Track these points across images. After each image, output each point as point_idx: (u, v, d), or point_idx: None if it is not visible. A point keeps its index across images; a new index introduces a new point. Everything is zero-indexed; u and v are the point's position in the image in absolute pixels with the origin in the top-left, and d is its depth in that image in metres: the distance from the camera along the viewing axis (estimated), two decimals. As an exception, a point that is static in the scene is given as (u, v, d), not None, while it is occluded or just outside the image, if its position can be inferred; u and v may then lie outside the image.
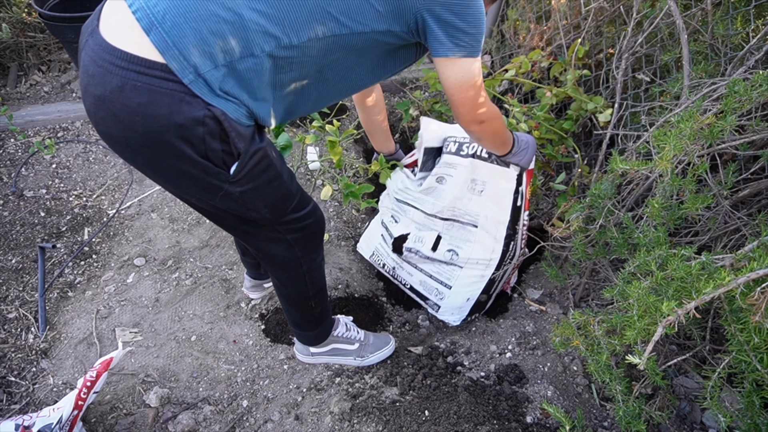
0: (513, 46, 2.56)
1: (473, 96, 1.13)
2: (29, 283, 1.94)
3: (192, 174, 0.99)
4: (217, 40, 0.88)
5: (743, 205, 1.42)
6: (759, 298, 0.84)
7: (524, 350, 1.66)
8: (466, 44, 1.04)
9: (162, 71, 0.87)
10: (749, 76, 1.28)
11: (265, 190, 1.08)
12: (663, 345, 1.47)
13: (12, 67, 2.99)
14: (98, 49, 0.89)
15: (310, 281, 1.37)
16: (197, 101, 0.90)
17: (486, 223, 1.68)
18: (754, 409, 0.94)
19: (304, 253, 1.30)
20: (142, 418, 1.48)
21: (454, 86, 1.11)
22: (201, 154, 0.95)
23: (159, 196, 2.33)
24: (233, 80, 0.92)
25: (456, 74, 1.08)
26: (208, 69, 0.89)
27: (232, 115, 0.94)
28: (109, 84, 0.88)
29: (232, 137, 0.96)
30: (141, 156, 0.98)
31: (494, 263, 1.70)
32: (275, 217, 1.16)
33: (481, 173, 1.67)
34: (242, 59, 0.91)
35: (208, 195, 1.05)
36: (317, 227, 1.29)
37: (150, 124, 0.90)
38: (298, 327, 1.53)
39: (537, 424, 1.41)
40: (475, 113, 1.17)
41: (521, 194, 1.65)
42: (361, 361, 1.62)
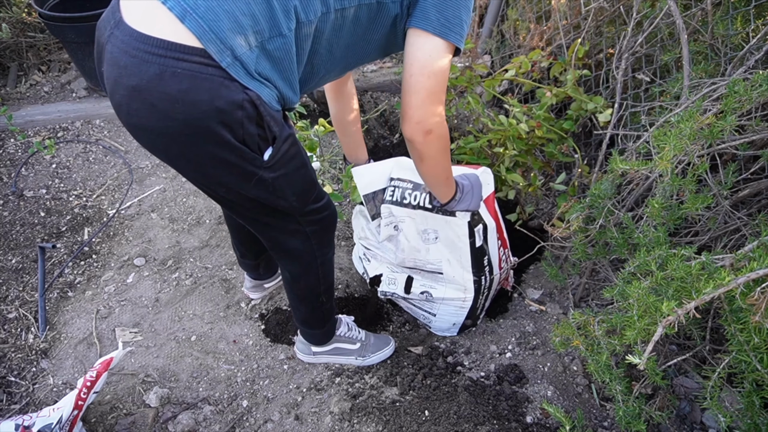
0: (513, 46, 2.56)
1: (433, 87, 1.05)
2: (29, 283, 1.94)
3: (229, 160, 0.98)
4: (249, 22, 0.88)
5: (743, 205, 1.42)
6: (759, 298, 0.84)
7: (524, 350, 1.66)
8: (450, 24, 1.02)
9: (201, 56, 0.86)
10: (749, 76, 1.28)
11: (293, 176, 1.09)
12: (663, 345, 1.47)
13: (12, 67, 2.99)
14: (129, 40, 0.87)
15: (323, 276, 1.38)
16: (235, 85, 0.89)
17: (450, 268, 1.63)
18: (754, 409, 0.94)
19: (319, 247, 1.30)
20: (142, 418, 1.48)
21: (419, 65, 1.04)
22: (239, 139, 0.95)
23: (159, 196, 2.33)
24: (266, 61, 0.93)
25: (427, 52, 1.03)
26: (243, 51, 0.88)
27: (266, 98, 0.94)
28: (146, 73, 0.86)
29: (267, 121, 0.95)
30: (177, 145, 0.96)
31: (470, 299, 1.66)
32: (301, 205, 1.16)
33: (430, 223, 1.59)
34: (271, 39, 0.91)
35: (241, 182, 1.04)
36: (332, 220, 1.30)
37: (191, 111, 0.88)
38: (306, 325, 1.53)
39: (537, 424, 1.41)
40: (427, 112, 1.07)
41: (479, 234, 1.58)
42: (363, 361, 1.62)
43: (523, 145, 1.87)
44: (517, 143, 1.85)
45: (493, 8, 2.68)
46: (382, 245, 1.74)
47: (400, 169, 1.65)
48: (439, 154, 1.17)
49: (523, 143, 1.87)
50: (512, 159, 1.89)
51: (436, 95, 1.06)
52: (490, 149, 1.96)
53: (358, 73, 2.83)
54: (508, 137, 1.85)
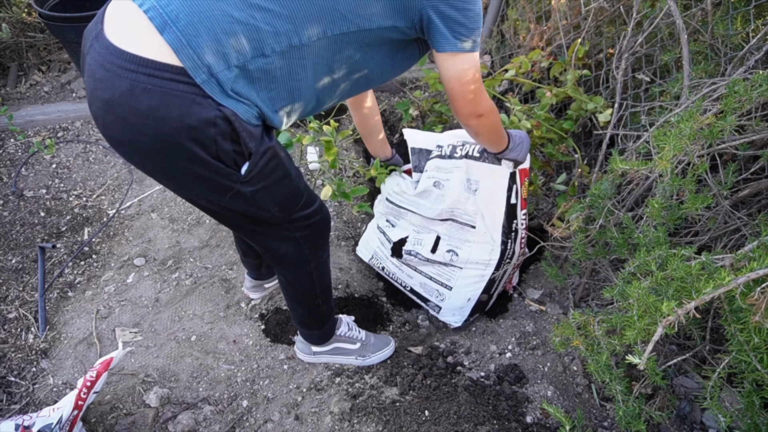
0: (513, 46, 2.56)
1: (472, 89, 1.14)
2: (29, 283, 1.94)
3: (203, 175, 0.98)
4: (230, 40, 0.88)
5: (743, 205, 1.42)
6: (759, 298, 0.84)
7: (524, 350, 1.66)
8: (466, 39, 1.06)
9: (172, 73, 0.86)
10: (749, 76, 1.28)
11: (275, 189, 1.09)
12: (663, 345, 1.47)
13: (12, 67, 2.99)
14: (105, 53, 0.88)
15: (318, 279, 1.37)
16: (208, 102, 0.89)
17: (483, 224, 1.68)
18: (754, 409, 0.94)
19: (312, 251, 1.30)
20: (142, 418, 1.48)
21: (455, 79, 1.11)
22: (212, 155, 0.95)
23: (159, 196, 2.33)
24: (244, 81, 0.92)
25: (457, 68, 1.10)
26: (221, 69, 0.88)
27: (242, 115, 0.94)
28: (117, 87, 0.87)
29: (243, 137, 0.95)
30: (151, 160, 0.97)
31: (493, 263, 1.70)
32: (285, 215, 1.16)
33: (474, 172, 1.67)
34: (254, 59, 0.91)
35: (219, 196, 1.05)
36: (324, 224, 1.30)
37: (161, 127, 0.89)
38: (305, 326, 1.53)
39: (537, 424, 1.41)
40: (474, 107, 1.18)
41: (516, 192, 1.65)
42: (363, 361, 1.62)
43: (523, 145, 1.87)
44: (517, 143, 1.85)
45: (493, 8, 2.68)
46: (415, 201, 1.79)
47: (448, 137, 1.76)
48: (492, 126, 1.30)
49: (523, 143, 1.87)
50: (512, 159, 1.89)
51: (476, 91, 1.15)
52: (490, 149, 1.96)
53: (358, 73, 2.83)
54: (508, 137, 1.85)
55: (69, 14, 2.33)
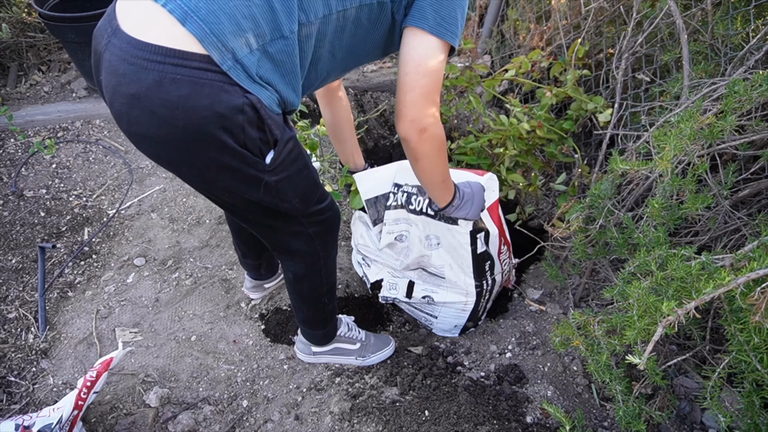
0: (513, 46, 2.56)
1: (428, 86, 1.05)
2: (29, 283, 1.94)
3: (231, 165, 0.97)
4: (250, 24, 0.88)
5: (743, 205, 1.42)
6: (759, 298, 0.84)
7: (524, 350, 1.66)
8: (446, 23, 1.03)
9: (200, 61, 0.86)
10: (749, 76, 1.28)
11: (296, 179, 1.09)
12: (663, 345, 1.47)
13: (12, 67, 2.99)
14: (127, 47, 0.87)
15: (326, 276, 1.37)
16: (236, 89, 0.89)
17: (452, 273, 1.64)
18: (754, 409, 0.94)
19: (323, 247, 1.30)
20: (142, 418, 1.48)
21: (414, 63, 1.04)
22: (240, 143, 0.94)
23: (159, 196, 2.33)
24: (267, 64, 0.92)
25: (422, 51, 1.04)
26: (245, 54, 0.88)
27: (266, 102, 0.94)
28: (145, 80, 0.86)
29: (268, 124, 0.95)
30: (179, 152, 0.96)
31: (471, 303, 1.67)
32: (304, 207, 1.16)
33: (432, 229, 1.61)
34: (273, 41, 0.91)
35: (244, 186, 1.04)
36: (336, 220, 1.30)
37: (191, 116, 0.88)
38: (308, 325, 1.53)
39: (537, 424, 1.41)
40: (421, 111, 1.07)
41: (481, 242, 1.58)
42: (363, 361, 1.62)
43: (524, 145, 1.87)
44: (517, 143, 1.85)
45: (493, 8, 2.68)
46: (381, 253, 1.74)
47: (404, 173, 1.64)
48: (433, 153, 1.15)
49: (524, 143, 1.87)
50: (512, 159, 1.89)
51: (430, 94, 1.06)
52: (491, 149, 1.96)
53: (358, 73, 2.83)
54: (509, 137, 1.85)
55: (69, 14, 2.33)
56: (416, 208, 1.61)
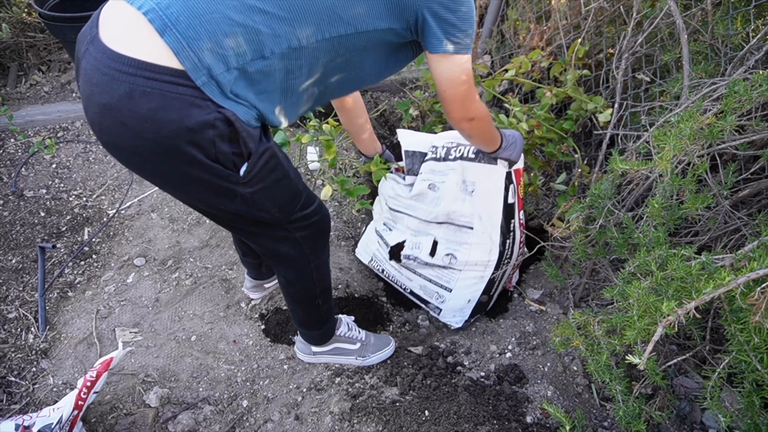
0: (513, 46, 2.56)
1: (464, 92, 1.15)
2: (29, 283, 1.94)
3: (202, 178, 0.98)
4: (230, 43, 0.88)
5: (743, 205, 1.42)
6: (759, 298, 0.84)
7: (524, 350, 1.66)
8: (459, 41, 1.07)
9: (171, 75, 0.86)
10: (749, 76, 1.28)
11: (273, 189, 1.09)
12: (663, 345, 1.47)
13: (12, 67, 2.99)
14: (102, 57, 0.88)
15: (318, 279, 1.37)
16: (207, 104, 0.89)
17: (480, 225, 1.68)
18: (754, 409, 0.94)
19: (312, 251, 1.30)
20: (142, 418, 1.48)
21: (447, 82, 1.12)
22: (211, 158, 0.95)
23: (159, 196, 2.33)
24: (244, 82, 0.93)
25: (449, 70, 1.11)
26: (221, 71, 0.89)
27: (242, 117, 0.94)
28: (116, 91, 0.86)
29: (242, 137, 0.96)
30: (150, 164, 0.97)
31: (492, 264, 1.70)
32: (284, 216, 1.16)
33: (470, 174, 1.67)
34: (253, 61, 0.91)
35: (217, 199, 1.05)
36: (324, 224, 1.30)
37: (160, 130, 0.88)
38: (304, 326, 1.53)
39: (537, 424, 1.41)
40: (466, 110, 1.19)
41: (513, 191, 1.66)
42: (363, 361, 1.63)
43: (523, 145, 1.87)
44: (517, 143, 1.85)
45: (493, 8, 2.68)
46: (411, 204, 1.80)
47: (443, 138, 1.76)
48: (484, 129, 1.32)
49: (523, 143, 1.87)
50: (512, 159, 1.89)
51: (468, 94, 1.16)
52: (490, 149, 1.96)
53: (358, 73, 2.83)
54: (508, 137, 1.85)
55: (69, 14, 2.33)
56: (456, 155, 1.69)
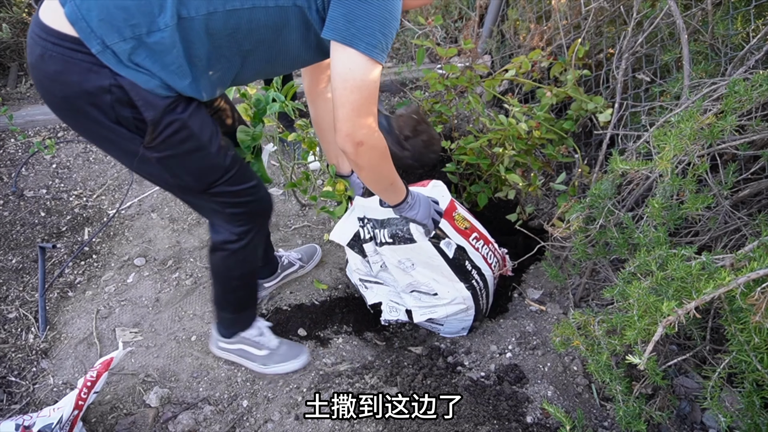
0: (513, 46, 2.57)
1: (358, 101, 1.03)
2: (29, 283, 1.94)
3: (111, 138, 1.08)
4: (122, 15, 0.94)
5: (743, 205, 1.42)
6: (759, 298, 0.84)
7: (524, 350, 1.66)
8: (359, 37, 0.99)
9: (72, 43, 0.95)
10: (749, 76, 1.28)
11: (185, 158, 1.13)
12: (663, 345, 1.47)
13: (12, 67, 2.99)
14: (33, 24, 1.01)
15: (240, 260, 1.38)
16: (105, 71, 0.97)
17: (441, 286, 1.64)
18: (755, 409, 0.94)
19: (244, 231, 1.32)
20: (142, 418, 1.49)
21: (339, 77, 1.02)
22: (112, 120, 1.03)
23: (159, 196, 2.33)
24: (145, 53, 0.98)
25: (343, 63, 1.01)
26: (114, 41, 0.95)
27: (144, 85, 1.00)
28: (34, 53, 1.00)
29: (139, 106, 1.01)
30: (67, 119, 1.09)
31: (472, 309, 1.68)
32: (200, 186, 1.20)
33: (399, 254, 1.60)
34: (150, 33, 0.96)
35: (127, 159, 1.13)
36: (259, 207, 1.32)
37: (65, 90, 1.00)
38: (217, 304, 1.53)
39: (537, 424, 1.41)
40: (354, 126, 1.05)
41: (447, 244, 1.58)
42: (264, 369, 1.60)
43: (523, 145, 1.87)
44: (516, 143, 1.85)
45: (493, 8, 2.68)
46: (379, 275, 1.75)
47: (361, 209, 1.64)
48: (374, 163, 1.16)
49: (523, 143, 1.87)
50: (512, 159, 1.89)
51: (362, 108, 1.04)
52: (490, 149, 1.96)
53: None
54: (508, 137, 1.85)
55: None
56: (380, 240, 1.60)
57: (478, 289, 1.68)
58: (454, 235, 1.61)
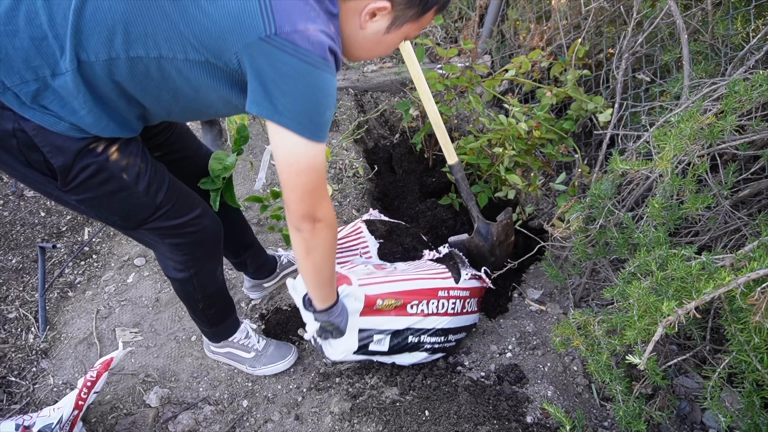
0: (513, 46, 2.57)
1: (308, 183, 0.97)
2: (29, 283, 1.94)
3: (26, 179, 1.03)
4: (20, 55, 0.89)
5: (743, 205, 1.42)
6: (759, 298, 0.84)
7: (524, 350, 1.66)
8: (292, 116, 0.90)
9: None
10: (749, 76, 1.28)
11: (108, 200, 1.09)
12: (663, 345, 1.47)
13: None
14: None
15: (199, 286, 1.36)
16: (8, 113, 0.93)
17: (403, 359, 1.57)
18: (754, 409, 0.94)
19: (189, 259, 1.29)
20: (142, 418, 1.49)
21: (282, 160, 0.95)
22: (24, 163, 0.99)
23: (159, 196, 2.33)
24: (52, 96, 0.93)
25: (282, 146, 0.93)
26: (15, 83, 0.91)
27: (52, 128, 0.95)
28: None
29: (45, 152, 0.97)
30: None
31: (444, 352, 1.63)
32: (129, 224, 1.17)
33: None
34: (55, 76, 0.91)
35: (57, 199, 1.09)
36: (202, 236, 1.26)
37: None
38: (195, 321, 1.54)
39: (537, 424, 1.41)
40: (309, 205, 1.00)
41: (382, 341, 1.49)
42: (253, 371, 1.61)
43: (523, 145, 1.87)
44: (516, 143, 1.85)
45: (493, 8, 2.68)
46: None
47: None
48: (329, 243, 1.10)
49: (523, 143, 1.87)
50: (512, 159, 1.89)
51: (315, 189, 0.99)
52: (490, 149, 1.96)
53: (358, 73, 2.83)
54: (508, 137, 1.85)
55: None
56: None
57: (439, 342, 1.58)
58: (386, 324, 1.48)
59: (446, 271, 1.61)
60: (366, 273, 1.53)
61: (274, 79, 0.87)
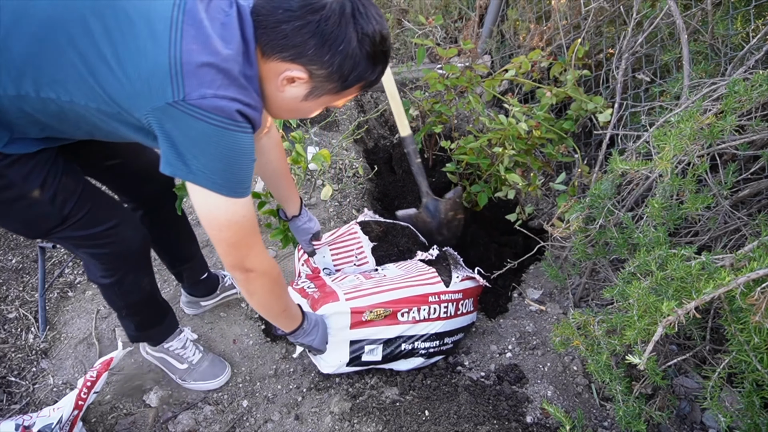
0: (513, 46, 2.57)
1: (232, 238, 0.98)
2: (29, 283, 1.94)
3: None
4: None
5: (743, 205, 1.42)
6: (759, 298, 0.84)
7: (524, 350, 1.66)
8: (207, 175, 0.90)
9: None
10: (749, 76, 1.28)
11: (7, 208, 1.07)
12: (663, 345, 1.47)
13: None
14: None
15: (121, 293, 1.34)
16: None
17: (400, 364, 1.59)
18: (754, 409, 0.95)
19: (110, 268, 1.27)
20: (142, 418, 1.49)
21: (202, 217, 0.96)
22: None
23: (159, 196, 2.33)
24: None
25: (200, 203, 0.94)
26: None
27: None
28: None
29: None
30: None
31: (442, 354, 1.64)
32: (35, 233, 1.14)
33: None
34: None
35: None
36: (122, 247, 1.24)
37: None
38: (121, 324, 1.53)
39: (537, 424, 1.41)
40: (236, 257, 1.02)
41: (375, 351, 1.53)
42: (182, 383, 1.59)
43: (523, 145, 1.87)
44: (516, 143, 1.85)
45: (493, 8, 2.69)
46: None
47: None
48: (266, 289, 1.12)
49: (523, 143, 1.87)
50: (512, 159, 1.89)
51: (240, 242, 1.00)
52: (490, 149, 1.96)
53: (358, 73, 2.83)
54: (508, 137, 1.85)
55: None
56: None
57: (435, 346, 1.58)
58: (377, 334, 1.49)
59: (436, 276, 1.60)
60: (353, 286, 1.54)
61: (183, 143, 0.87)
